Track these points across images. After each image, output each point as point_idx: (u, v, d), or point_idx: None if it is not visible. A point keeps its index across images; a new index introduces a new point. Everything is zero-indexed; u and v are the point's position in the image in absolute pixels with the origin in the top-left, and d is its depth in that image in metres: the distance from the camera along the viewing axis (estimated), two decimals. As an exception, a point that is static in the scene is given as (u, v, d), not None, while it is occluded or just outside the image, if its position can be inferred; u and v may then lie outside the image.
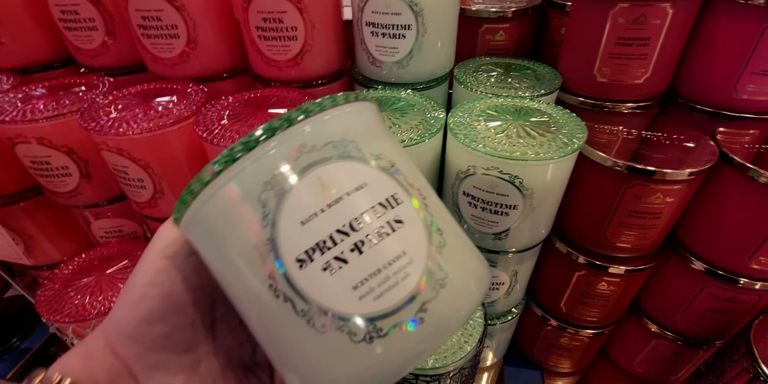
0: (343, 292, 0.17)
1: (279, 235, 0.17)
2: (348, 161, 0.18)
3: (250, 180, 0.17)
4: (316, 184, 0.18)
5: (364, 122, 0.20)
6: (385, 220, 0.18)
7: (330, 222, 0.17)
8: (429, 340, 0.18)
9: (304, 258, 0.17)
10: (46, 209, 0.57)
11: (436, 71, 0.49)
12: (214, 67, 0.51)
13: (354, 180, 0.18)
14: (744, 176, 0.40)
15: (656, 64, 0.45)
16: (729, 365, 0.43)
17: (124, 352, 0.21)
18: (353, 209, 0.18)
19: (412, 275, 0.18)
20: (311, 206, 0.17)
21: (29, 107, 0.46)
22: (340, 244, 0.17)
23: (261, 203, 0.17)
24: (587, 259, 0.48)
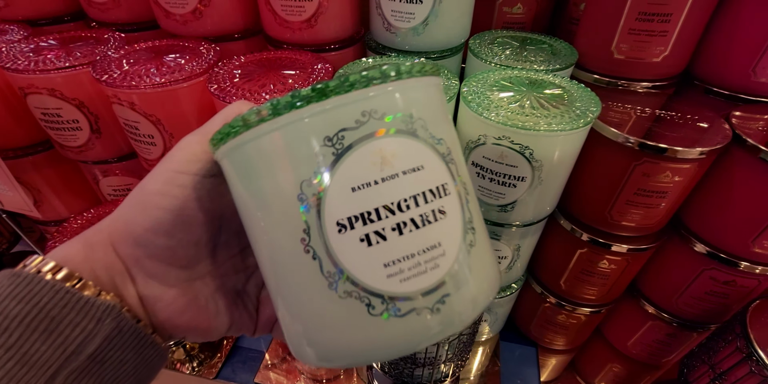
0: (374, 266, 0.17)
1: (327, 194, 0.17)
2: (413, 139, 0.18)
3: (313, 130, 0.17)
4: (376, 155, 0.17)
5: (434, 100, 0.20)
6: (431, 208, 0.18)
7: (380, 196, 0.17)
8: (436, 331, 0.18)
9: (346, 224, 0.17)
10: (55, 164, 0.57)
11: (451, 41, 0.48)
12: (227, 26, 0.50)
13: (414, 160, 0.18)
14: (755, 158, 0.39)
15: (676, 42, 0.44)
16: (723, 345, 0.44)
17: (125, 253, 0.21)
18: (406, 189, 0.17)
19: (441, 267, 0.18)
20: (366, 175, 0.17)
21: (41, 58, 0.45)
22: (384, 220, 0.17)
23: (317, 157, 0.17)
24: (590, 236, 0.48)
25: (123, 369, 0.20)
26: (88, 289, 0.19)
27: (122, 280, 0.21)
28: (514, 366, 0.63)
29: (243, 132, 0.17)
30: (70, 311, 0.18)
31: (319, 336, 0.18)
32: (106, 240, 0.21)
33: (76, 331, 0.18)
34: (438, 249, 0.18)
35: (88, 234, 0.21)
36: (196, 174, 0.21)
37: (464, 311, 0.19)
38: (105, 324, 0.19)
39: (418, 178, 0.18)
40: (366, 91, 0.17)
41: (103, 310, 0.19)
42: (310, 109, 0.17)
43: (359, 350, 0.18)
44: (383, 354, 0.18)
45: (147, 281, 0.22)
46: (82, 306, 0.19)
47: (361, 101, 0.17)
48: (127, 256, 0.21)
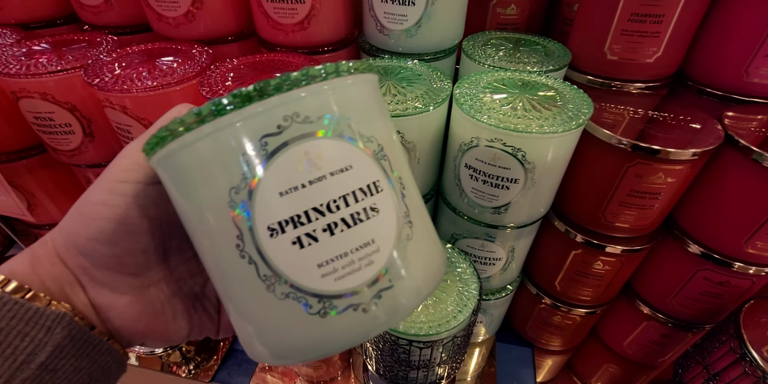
0: (308, 267, 0.18)
1: (255, 200, 0.17)
2: (339, 140, 0.18)
3: (236, 138, 0.17)
4: (302, 158, 0.17)
5: (364, 98, 0.20)
6: (362, 207, 0.18)
7: (308, 199, 0.17)
8: (375, 325, 0.19)
9: (276, 228, 0.17)
10: (48, 168, 0.57)
11: (444, 42, 0.48)
12: (220, 29, 0.50)
13: (341, 161, 0.18)
14: (748, 159, 0.39)
15: (668, 43, 0.44)
16: (717, 346, 0.44)
17: (72, 263, 0.21)
18: (334, 190, 0.18)
19: (375, 263, 0.18)
20: (293, 179, 0.17)
21: (33, 62, 0.45)
22: (315, 222, 0.17)
23: (243, 164, 0.17)
24: (585, 237, 0.48)
25: (78, 377, 0.20)
26: (38, 300, 0.19)
27: (72, 290, 0.21)
28: (510, 367, 0.63)
29: (170, 142, 0.17)
30: (18, 322, 0.18)
31: (267, 336, 0.19)
32: (52, 252, 0.21)
33: (25, 342, 0.18)
34: (372, 246, 0.18)
35: (34, 247, 0.21)
36: (138, 182, 0.21)
37: (407, 301, 0.19)
38: (55, 333, 0.19)
39: (346, 178, 0.18)
40: (286, 96, 0.17)
41: (53, 319, 0.19)
42: (231, 118, 0.17)
43: (306, 347, 0.19)
44: (330, 349, 0.19)
45: (97, 290, 0.22)
46: (31, 316, 0.19)
47: (281, 106, 0.17)
48: (75, 267, 0.21)
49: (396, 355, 0.42)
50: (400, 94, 0.41)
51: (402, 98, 0.40)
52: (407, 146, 0.41)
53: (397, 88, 0.42)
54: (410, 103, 0.40)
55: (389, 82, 0.43)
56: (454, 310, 0.40)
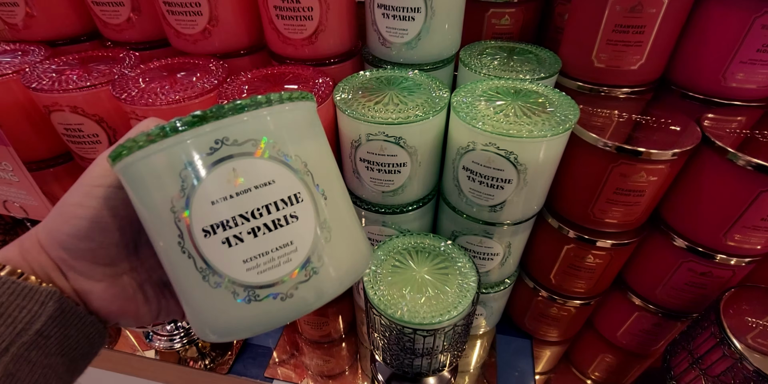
0: (235, 263, 0.22)
1: (192, 207, 0.21)
2: (263, 159, 0.22)
3: (176, 157, 0.21)
4: (230, 174, 0.21)
5: (290, 124, 0.23)
6: (282, 214, 0.22)
7: (235, 207, 0.21)
8: (292, 312, 0.23)
9: (209, 230, 0.21)
10: (75, 175, 0.61)
11: (442, 53, 0.52)
12: (233, 44, 0.54)
13: (263, 177, 0.22)
14: (723, 159, 0.43)
15: (651, 51, 0.48)
16: (699, 332, 0.47)
17: (54, 255, 0.25)
18: (257, 201, 0.21)
19: (293, 261, 0.22)
20: (222, 191, 0.21)
21: (63, 77, 0.49)
22: (240, 226, 0.21)
23: (181, 178, 0.21)
24: (576, 233, 0.51)
25: (67, 343, 0.24)
26: (30, 281, 0.23)
27: (57, 276, 0.25)
28: (510, 358, 0.66)
29: (130, 153, 0.21)
30: (17, 297, 0.22)
31: (208, 318, 0.23)
32: (37, 244, 0.25)
33: (23, 313, 0.22)
34: (290, 246, 0.22)
35: (22, 239, 0.25)
36: (109, 186, 0.24)
37: (316, 295, 0.23)
38: (48, 306, 0.23)
39: (269, 191, 0.22)
40: (218, 123, 0.21)
41: (46, 295, 0.23)
42: (177, 138, 0.20)
43: (240, 327, 0.23)
44: (257, 329, 0.23)
45: (77, 277, 0.25)
46: (27, 292, 0.23)
47: (214, 131, 0.21)
48: (56, 258, 0.25)
49: (402, 343, 0.46)
50: (402, 103, 0.45)
51: (404, 107, 0.44)
52: (409, 151, 0.45)
53: (399, 98, 0.45)
54: (411, 112, 0.43)
55: (392, 92, 0.46)
56: (454, 301, 0.44)
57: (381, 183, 0.48)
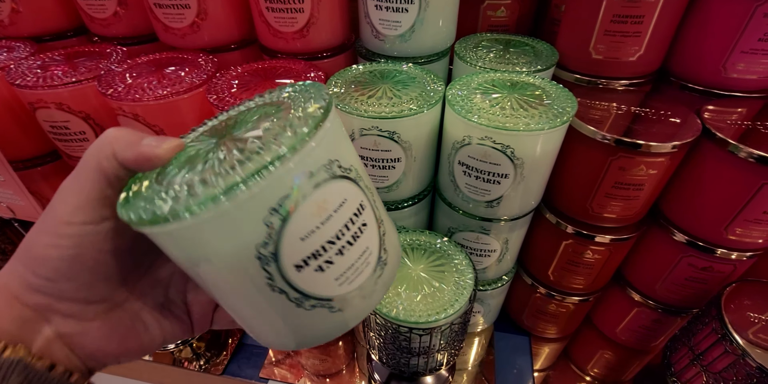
0: (329, 283, 0.22)
1: (281, 249, 0.20)
2: (334, 181, 0.21)
3: (257, 206, 0.19)
4: (313, 207, 0.20)
5: (338, 135, 0.22)
6: (357, 227, 0.23)
7: (323, 236, 0.21)
8: (372, 306, 0.25)
9: (302, 264, 0.21)
10: (63, 174, 0.60)
11: (437, 46, 0.51)
12: (223, 38, 0.53)
13: (339, 198, 0.21)
14: (724, 151, 0.42)
15: (649, 42, 0.47)
16: (700, 328, 0.47)
17: (32, 302, 0.21)
18: (339, 223, 0.21)
19: (371, 263, 0.24)
20: (310, 225, 0.20)
21: (48, 74, 0.48)
22: (329, 250, 0.21)
23: (266, 225, 0.19)
24: (575, 228, 0.50)
25: None
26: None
27: (34, 328, 0.21)
28: (508, 355, 0.65)
29: (182, 217, 0.18)
30: None
31: (298, 334, 0.24)
32: (7, 295, 0.21)
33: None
34: (367, 251, 0.23)
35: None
36: (84, 223, 0.20)
37: (389, 281, 0.26)
38: (10, 380, 0.19)
39: (345, 210, 0.22)
40: (294, 159, 0.19)
41: (8, 367, 0.19)
42: (246, 194, 0.18)
43: (328, 334, 0.24)
44: (345, 328, 0.24)
45: (64, 321, 0.22)
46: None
47: (293, 169, 0.19)
48: (36, 305, 0.21)
49: (398, 342, 0.45)
50: (396, 96, 0.44)
51: (398, 101, 0.43)
52: (403, 146, 0.44)
53: (393, 91, 0.44)
54: (405, 105, 0.42)
55: (385, 86, 0.45)
56: (451, 298, 0.43)
57: (375, 179, 0.47)
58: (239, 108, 0.26)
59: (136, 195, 0.20)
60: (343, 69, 0.49)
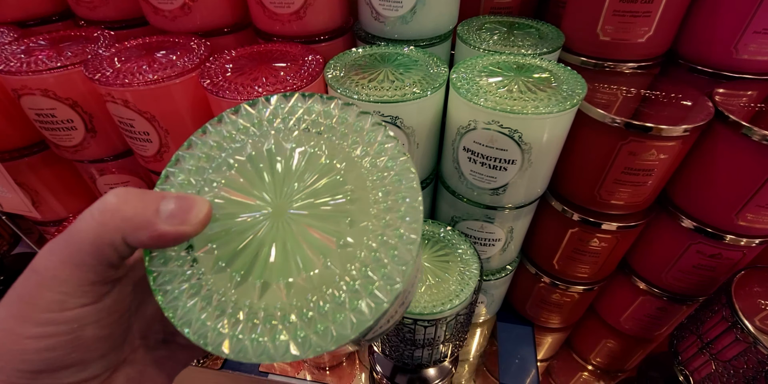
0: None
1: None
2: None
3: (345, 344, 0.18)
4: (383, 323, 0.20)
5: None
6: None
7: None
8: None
9: None
10: (51, 165, 0.58)
11: (439, 28, 0.49)
12: (216, 20, 0.50)
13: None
14: (737, 134, 0.40)
15: (659, 22, 0.45)
16: (709, 315, 0.46)
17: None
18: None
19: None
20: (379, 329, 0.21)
21: (32, 59, 0.46)
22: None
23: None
24: (581, 216, 0.49)
25: None
26: None
27: None
28: (511, 345, 0.64)
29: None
30: None
31: None
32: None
33: None
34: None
35: None
36: (67, 309, 0.17)
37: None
38: None
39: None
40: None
41: None
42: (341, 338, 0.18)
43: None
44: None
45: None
46: None
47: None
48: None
49: (401, 334, 0.44)
50: (398, 80, 0.42)
51: (400, 84, 0.41)
52: (406, 131, 0.42)
53: (395, 75, 0.43)
54: (408, 89, 0.40)
55: (386, 69, 0.43)
56: (456, 289, 0.42)
57: (377, 166, 0.46)
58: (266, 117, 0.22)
59: (193, 306, 0.19)
60: (342, 52, 0.47)
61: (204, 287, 0.19)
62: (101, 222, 0.17)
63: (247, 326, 0.18)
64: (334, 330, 0.17)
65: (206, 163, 0.22)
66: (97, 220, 0.17)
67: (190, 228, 0.18)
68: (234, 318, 0.18)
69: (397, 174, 0.20)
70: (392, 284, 0.18)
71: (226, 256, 0.19)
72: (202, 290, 0.19)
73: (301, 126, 0.22)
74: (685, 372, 0.48)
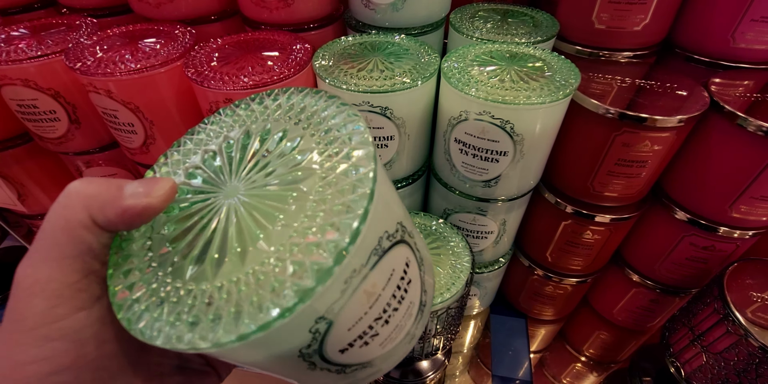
0: (374, 351, 0.21)
1: (326, 344, 0.18)
2: (383, 259, 0.18)
3: (302, 322, 0.16)
4: (362, 297, 0.18)
5: (387, 199, 0.19)
6: (403, 289, 0.20)
7: (371, 317, 0.19)
8: (416, 339, 0.24)
9: (346, 347, 0.19)
10: (36, 157, 0.57)
11: (431, 16, 0.48)
12: (202, 8, 0.49)
13: (386, 274, 0.19)
14: (732, 125, 0.40)
15: (656, 10, 0.44)
16: (701, 308, 0.46)
17: None
18: (387, 298, 0.19)
19: (413, 314, 0.22)
20: (358, 314, 0.18)
21: (12, 48, 0.44)
22: (376, 326, 0.20)
23: (312, 333, 0.17)
24: (574, 208, 0.49)
25: None
26: None
27: None
28: (504, 337, 0.64)
29: (231, 342, 0.15)
30: None
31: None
32: None
33: None
34: (412, 305, 0.22)
35: None
36: (64, 317, 0.16)
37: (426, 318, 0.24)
38: None
39: (393, 282, 0.19)
40: (341, 268, 0.16)
41: None
42: (297, 309, 0.15)
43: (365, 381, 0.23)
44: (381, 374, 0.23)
45: None
46: None
47: (339, 277, 0.16)
48: None
49: (393, 327, 0.43)
50: (388, 69, 0.41)
51: (390, 74, 0.40)
52: (396, 122, 0.41)
53: (385, 64, 0.42)
54: (398, 79, 0.39)
55: (376, 58, 0.42)
56: (447, 282, 0.41)
57: (367, 158, 0.45)
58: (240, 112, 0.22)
59: (138, 299, 0.17)
60: (332, 41, 0.46)
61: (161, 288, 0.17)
62: (66, 205, 0.16)
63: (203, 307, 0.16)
64: (311, 268, 0.15)
65: (183, 157, 0.22)
66: (62, 204, 0.16)
67: (155, 200, 0.17)
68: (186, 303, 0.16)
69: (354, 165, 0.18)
70: (350, 221, 0.16)
71: (180, 249, 0.18)
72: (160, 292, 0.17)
73: (274, 115, 0.21)
74: (677, 364, 0.48)
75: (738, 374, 0.41)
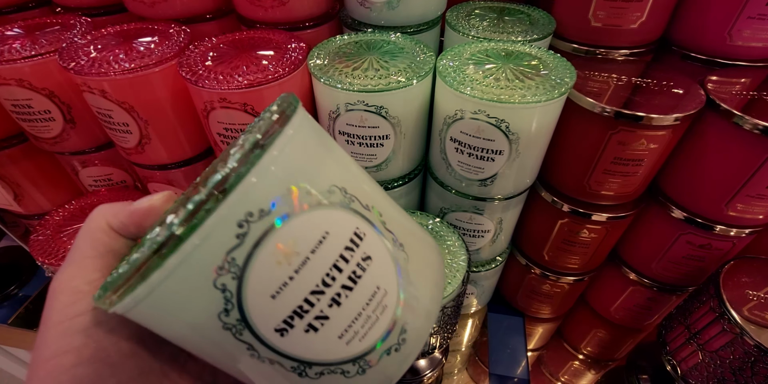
0: (331, 344, 0.17)
1: (249, 313, 0.16)
2: (302, 214, 0.16)
3: (198, 269, 0.15)
4: (277, 253, 0.16)
5: (307, 146, 0.17)
6: (355, 263, 0.17)
7: (302, 287, 0.16)
8: (413, 351, 0.19)
9: (284, 327, 0.17)
10: (32, 157, 0.56)
11: (427, 14, 0.47)
12: (197, 7, 0.49)
13: (315, 233, 0.16)
14: (729, 123, 0.40)
15: (652, 7, 0.44)
16: (697, 306, 0.46)
17: None
18: (322, 265, 0.17)
19: (389, 305, 0.18)
20: (278, 277, 0.16)
21: (6, 47, 0.44)
22: (318, 304, 0.17)
23: (220, 289, 0.16)
24: (571, 207, 0.49)
25: None
26: None
27: None
28: (502, 336, 0.64)
29: (125, 296, 0.15)
30: None
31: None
32: None
33: None
34: (379, 292, 0.18)
35: None
36: (89, 311, 0.17)
37: (427, 319, 0.20)
38: None
39: (329, 246, 0.17)
40: (228, 203, 0.15)
41: None
42: (180, 255, 0.15)
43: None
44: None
45: None
46: None
47: (228, 215, 0.15)
48: None
49: (390, 326, 0.43)
50: (383, 68, 0.41)
51: (385, 72, 0.40)
52: (392, 122, 0.41)
53: (380, 63, 0.41)
54: (393, 77, 0.39)
55: (372, 57, 0.42)
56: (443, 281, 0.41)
57: (363, 157, 0.45)
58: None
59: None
60: (327, 39, 0.46)
61: None
62: (89, 219, 0.20)
63: None
64: None
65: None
66: (87, 220, 0.20)
67: (156, 201, 0.20)
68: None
69: None
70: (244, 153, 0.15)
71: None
72: None
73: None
74: (673, 362, 0.48)
75: (734, 372, 0.41)
